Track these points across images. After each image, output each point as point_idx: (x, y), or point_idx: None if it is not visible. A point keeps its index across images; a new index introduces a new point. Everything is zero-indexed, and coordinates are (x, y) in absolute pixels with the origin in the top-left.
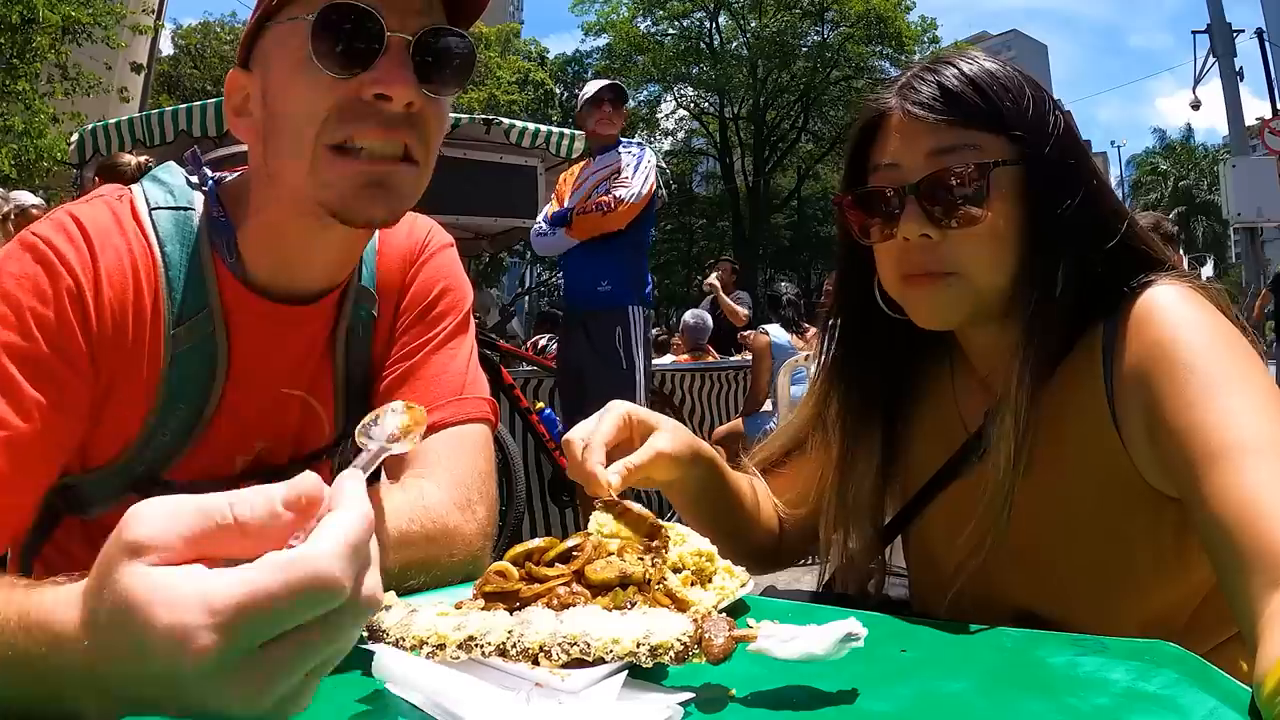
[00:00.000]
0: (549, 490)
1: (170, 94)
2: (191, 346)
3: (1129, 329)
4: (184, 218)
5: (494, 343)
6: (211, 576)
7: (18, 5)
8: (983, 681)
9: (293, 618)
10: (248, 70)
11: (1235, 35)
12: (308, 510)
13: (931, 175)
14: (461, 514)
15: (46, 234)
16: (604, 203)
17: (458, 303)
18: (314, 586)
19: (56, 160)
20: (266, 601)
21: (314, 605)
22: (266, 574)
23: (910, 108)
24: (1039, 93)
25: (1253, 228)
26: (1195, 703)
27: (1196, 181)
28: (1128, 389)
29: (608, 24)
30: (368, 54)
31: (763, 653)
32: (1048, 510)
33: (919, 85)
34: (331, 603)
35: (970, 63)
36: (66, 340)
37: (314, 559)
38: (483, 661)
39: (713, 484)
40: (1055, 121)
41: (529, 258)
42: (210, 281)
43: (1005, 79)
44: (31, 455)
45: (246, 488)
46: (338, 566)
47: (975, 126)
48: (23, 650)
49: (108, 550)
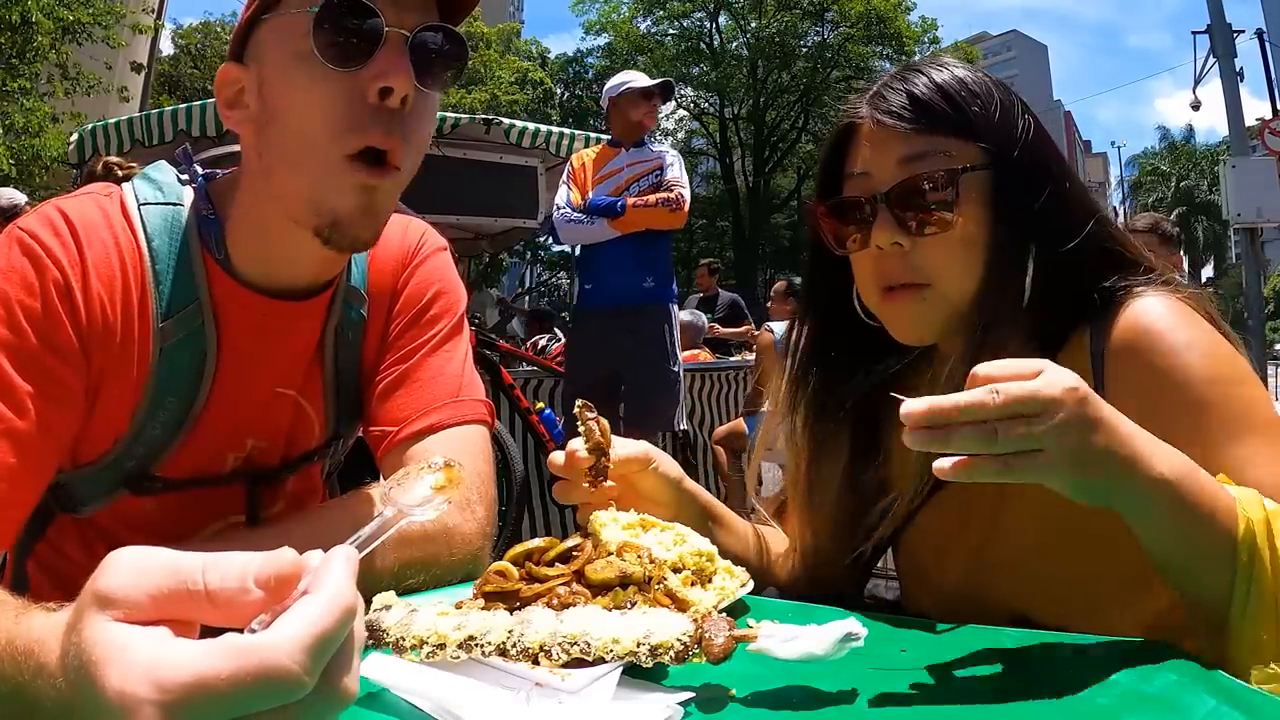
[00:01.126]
0: (549, 490)
1: (171, 94)
2: (180, 340)
3: (1122, 344)
4: (172, 213)
5: (494, 343)
6: (168, 649)
7: (17, 5)
8: (983, 681)
9: (242, 707)
10: (241, 63)
11: (1235, 36)
12: (278, 591)
13: (902, 183)
14: (461, 514)
15: (33, 228)
16: (672, 199)
17: (452, 305)
18: (265, 678)
19: (55, 159)
20: (214, 687)
21: (266, 696)
22: (218, 658)
23: (880, 116)
24: (1008, 98)
25: (1253, 228)
26: (1195, 703)
27: (1197, 182)
28: (1127, 409)
29: (608, 24)
30: (368, 48)
31: (763, 653)
32: (1038, 520)
33: (889, 94)
34: (287, 696)
35: (940, 70)
36: (55, 333)
37: (267, 649)
38: (483, 661)
39: (702, 528)
40: (1024, 125)
41: (529, 258)
42: (199, 276)
43: (975, 85)
44: (31, 448)
45: (226, 551)
46: (295, 659)
47: (944, 133)
48: (9, 677)
49: (83, 594)
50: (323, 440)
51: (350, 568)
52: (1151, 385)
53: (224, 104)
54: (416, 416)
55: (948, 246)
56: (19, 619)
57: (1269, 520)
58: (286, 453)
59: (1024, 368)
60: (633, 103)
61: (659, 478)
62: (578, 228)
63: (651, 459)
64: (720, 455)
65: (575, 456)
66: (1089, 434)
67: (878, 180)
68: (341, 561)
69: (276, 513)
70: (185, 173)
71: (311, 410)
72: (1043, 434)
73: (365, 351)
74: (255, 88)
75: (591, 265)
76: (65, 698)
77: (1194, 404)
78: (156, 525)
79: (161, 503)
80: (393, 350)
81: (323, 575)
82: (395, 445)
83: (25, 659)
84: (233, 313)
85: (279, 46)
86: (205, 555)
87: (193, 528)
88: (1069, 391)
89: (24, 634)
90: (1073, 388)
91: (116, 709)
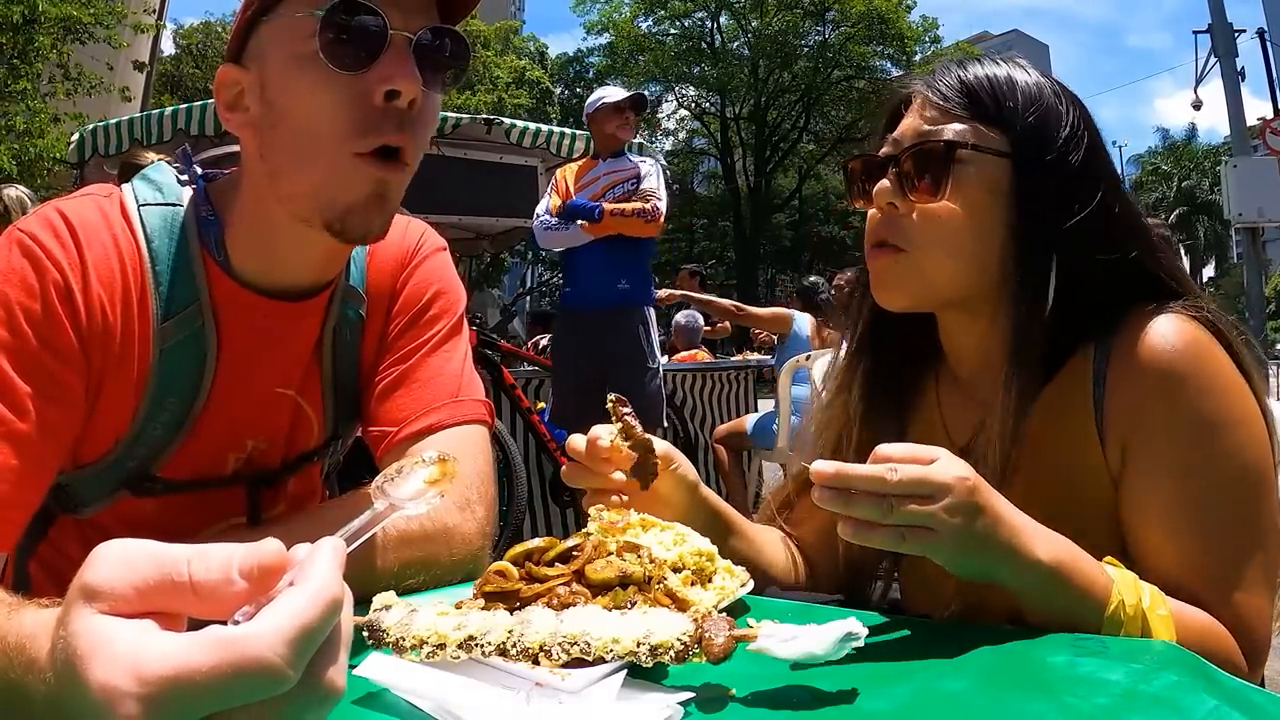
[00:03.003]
0: (549, 490)
1: (172, 94)
2: (181, 340)
3: (1126, 364)
4: (171, 213)
5: (495, 343)
6: (149, 641)
7: (19, 5)
8: (983, 681)
9: (224, 700)
10: (241, 65)
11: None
12: (263, 582)
13: (912, 148)
14: (461, 514)
15: (33, 230)
16: (647, 210)
17: (451, 306)
18: (246, 670)
19: (57, 160)
20: (195, 679)
21: (248, 690)
22: (199, 651)
23: (925, 92)
24: (1060, 104)
25: (1254, 228)
26: (1195, 703)
27: (1198, 182)
28: (1127, 432)
29: (609, 23)
30: (373, 51)
31: (763, 653)
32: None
33: (942, 74)
34: (269, 689)
35: (999, 65)
36: (55, 335)
37: (248, 641)
38: (483, 661)
39: (715, 532)
40: (1071, 133)
41: (530, 258)
42: (199, 276)
43: (1024, 84)
44: (32, 450)
45: (213, 542)
46: (278, 650)
47: (974, 118)
48: (2, 673)
49: (71, 587)
50: (322, 440)
51: (337, 559)
52: (1161, 423)
53: (224, 106)
54: (416, 417)
55: (933, 218)
56: (11, 615)
57: (1141, 608)
58: (286, 453)
59: (922, 453)
60: (607, 117)
61: (676, 480)
62: (554, 233)
63: (674, 459)
64: (721, 455)
65: (597, 444)
66: (973, 519)
67: (899, 147)
68: (328, 553)
69: (278, 514)
70: (185, 173)
71: (310, 410)
72: (931, 514)
73: (364, 352)
74: (257, 90)
75: (570, 268)
76: (54, 692)
77: (1201, 463)
78: (158, 526)
79: (163, 504)
80: (392, 351)
81: (308, 567)
82: (395, 445)
83: (17, 655)
84: (232, 313)
85: (281, 49)
86: (192, 547)
87: (194, 529)
88: (959, 480)
89: (15, 630)
90: (963, 476)
91: (99, 701)
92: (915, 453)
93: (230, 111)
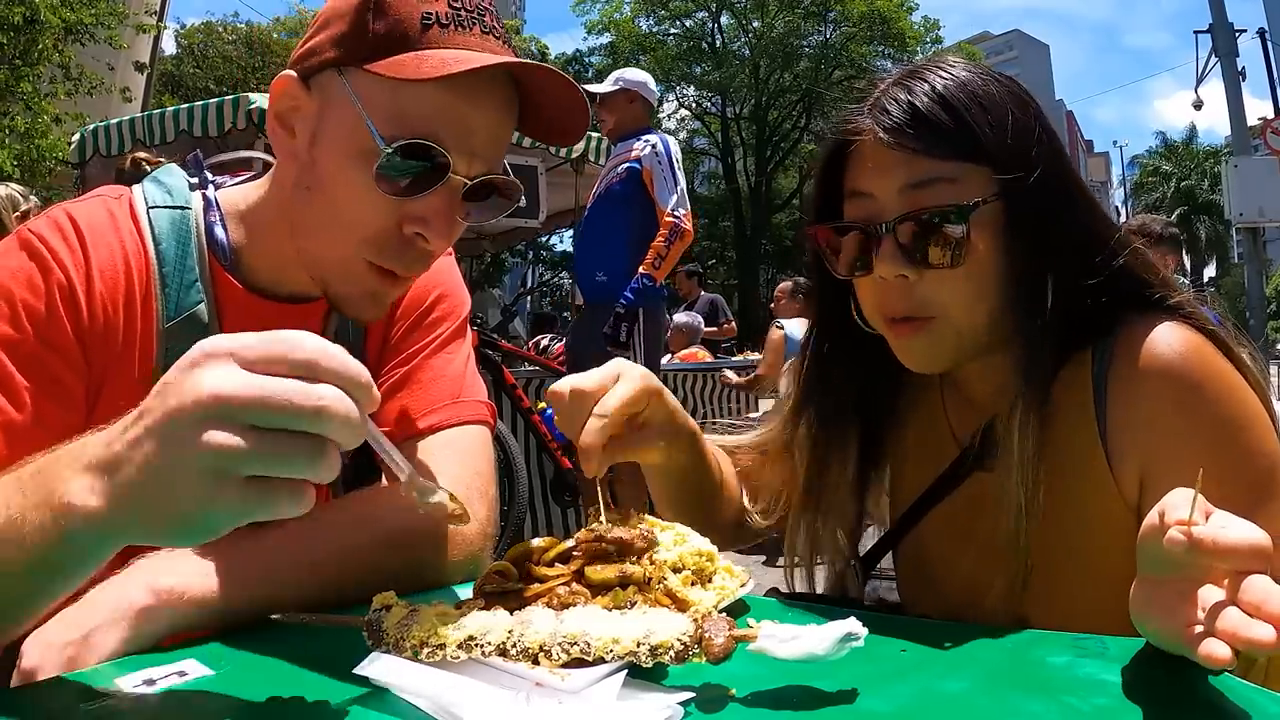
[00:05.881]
0: (550, 490)
1: (173, 94)
2: (186, 342)
3: (1129, 372)
4: (181, 217)
5: (496, 343)
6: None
7: (20, 6)
8: (983, 681)
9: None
10: (305, 85)
11: (1237, 35)
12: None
13: (908, 215)
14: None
15: (41, 230)
16: (668, 232)
17: (454, 308)
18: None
19: (59, 160)
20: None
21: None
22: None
23: (882, 135)
24: (1021, 108)
25: (1255, 228)
26: (1195, 702)
27: (1198, 182)
28: (1133, 441)
29: (610, 23)
30: (424, 187)
31: (763, 653)
32: (1040, 525)
33: (890, 106)
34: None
35: (944, 76)
36: (56, 333)
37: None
38: (483, 661)
39: (695, 467)
40: (1039, 141)
41: (530, 258)
42: (205, 279)
43: (984, 97)
44: (25, 441)
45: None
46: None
47: (951, 156)
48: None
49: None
50: None
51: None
52: (1166, 433)
53: (274, 117)
54: (417, 417)
55: (955, 280)
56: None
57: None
58: None
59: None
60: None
61: (660, 405)
62: (635, 301)
63: (650, 395)
64: None
65: (580, 390)
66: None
67: (881, 204)
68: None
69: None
70: (194, 176)
71: None
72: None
73: (367, 354)
74: (309, 129)
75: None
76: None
77: (1201, 448)
78: None
79: None
80: (395, 353)
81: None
82: (396, 446)
83: (39, 472)
84: (238, 316)
85: (345, 125)
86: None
87: None
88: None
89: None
90: None
91: (194, 351)
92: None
93: (279, 124)
